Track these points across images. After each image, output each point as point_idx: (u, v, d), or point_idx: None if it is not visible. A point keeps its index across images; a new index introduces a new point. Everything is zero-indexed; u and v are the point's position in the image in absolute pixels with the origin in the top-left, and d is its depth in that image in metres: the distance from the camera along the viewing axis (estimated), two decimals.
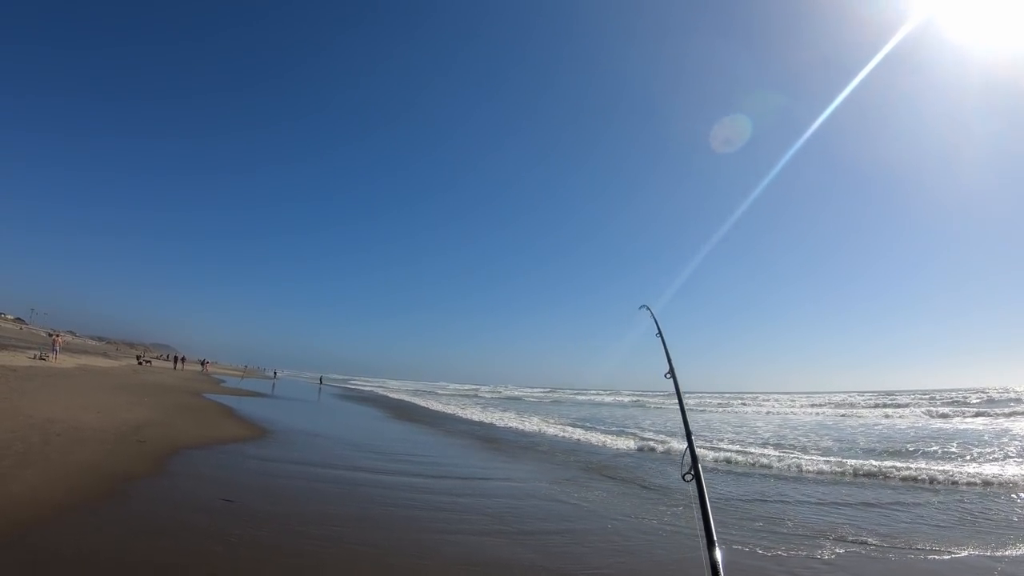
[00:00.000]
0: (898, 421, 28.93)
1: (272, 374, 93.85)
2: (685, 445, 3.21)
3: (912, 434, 21.94)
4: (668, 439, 19.63)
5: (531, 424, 25.98)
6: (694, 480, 2.89)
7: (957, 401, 40.56)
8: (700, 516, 2.66)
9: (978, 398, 42.26)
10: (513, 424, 25.97)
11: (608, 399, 67.60)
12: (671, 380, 4.00)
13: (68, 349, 53.60)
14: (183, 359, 74.62)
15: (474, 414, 32.06)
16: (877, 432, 23.16)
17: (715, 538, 2.51)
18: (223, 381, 52.66)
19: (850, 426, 27.24)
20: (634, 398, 65.34)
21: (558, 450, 17.46)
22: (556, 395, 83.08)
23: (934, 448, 16.97)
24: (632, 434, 21.88)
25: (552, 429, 23.63)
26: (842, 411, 38.46)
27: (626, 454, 16.67)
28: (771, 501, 10.44)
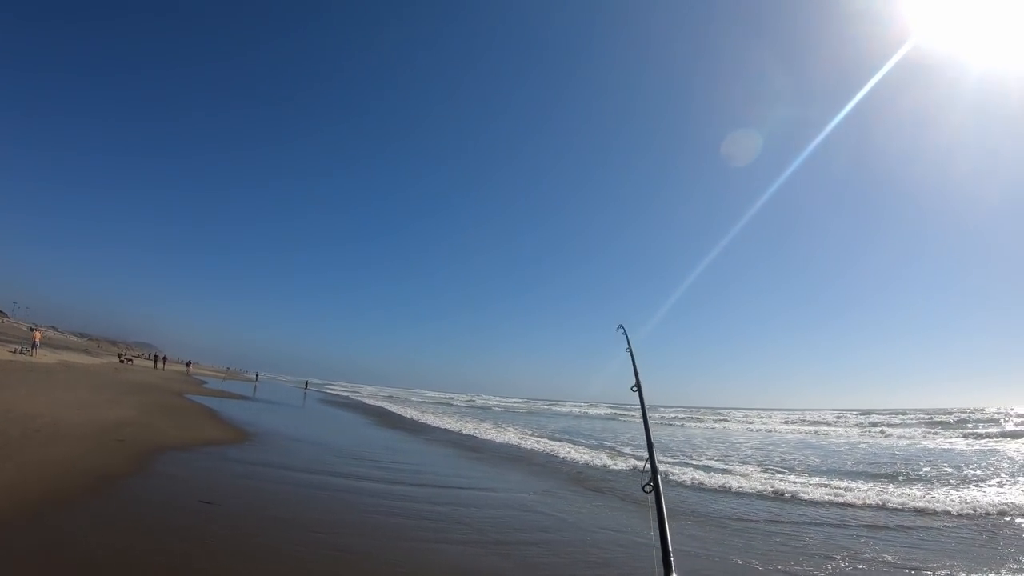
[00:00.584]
0: (880, 440, 29.10)
1: (254, 376, 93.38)
2: (647, 457, 3.26)
3: (897, 454, 22.04)
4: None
5: (509, 436, 25.70)
6: (653, 491, 2.95)
7: (934, 422, 41.02)
8: (656, 527, 2.71)
9: (954, 418, 42.84)
10: (490, 435, 25.65)
11: (585, 411, 68.48)
12: (637, 393, 4.08)
13: (50, 344, 53.00)
14: (164, 359, 74.11)
15: (451, 423, 31.56)
16: (861, 452, 23.31)
17: (671, 549, 2.58)
18: (205, 382, 52.35)
19: (833, 444, 27.48)
20: (611, 411, 65.92)
21: (536, 461, 17.41)
22: (532, 406, 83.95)
23: (925, 469, 16.91)
24: (610, 448, 21.82)
25: (530, 441, 23.40)
26: (819, 429, 38.83)
27: (604, 467, 16.51)
28: (771, 520, 10.47)
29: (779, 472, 16.19)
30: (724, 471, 16.13)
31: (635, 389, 4.07)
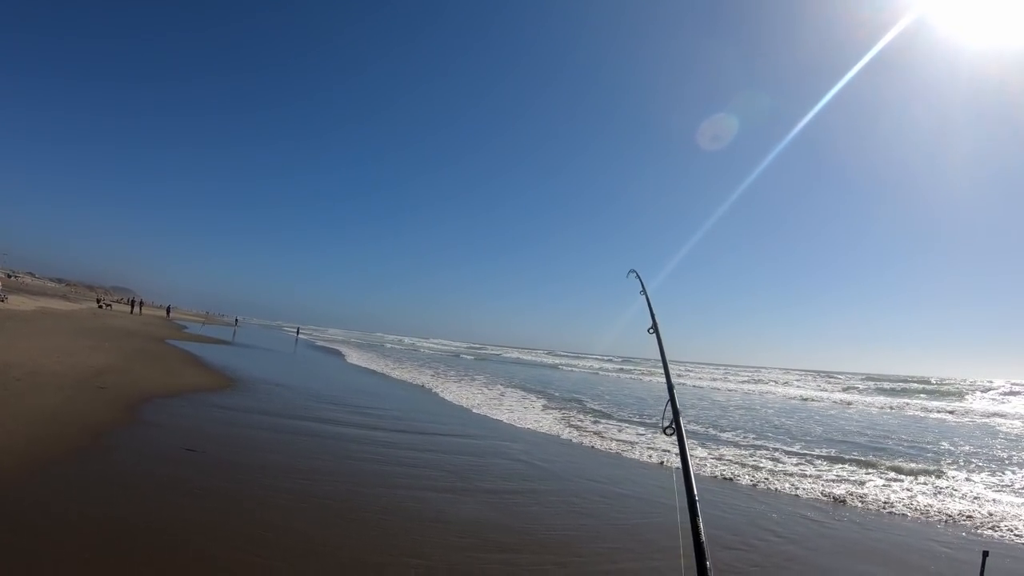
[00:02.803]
0: (866, 409, 28.65)
1: (233, 321, 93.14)
2: (667, 400, 3.08)
3: (895, 424, 21.51)
4: (618, 409, 19.69)
5: (477, 384, 25.66)
6: (675, 434, 2.77)
7: (902, 390, 42.23)
8: (681, 469, 2.50)
9: (920, 388, 44.32)
10: (460, 382, 25.65)
11: (535, 359, 72.85)
12: (655, 335, 3.86)
13: (27, 291, 52.39)
14: (141, 303, 73.53)
15: (416, 374, 29.97)
16: (856, 419, 22.86)
17: (695, 491, 2.34)
18: (185, 327, 52.12)
19: (821, 409, 27.34)
20: (555, 360, 71.32)
21: (510, 410, 17.46)
22: (484, 351, 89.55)
23: (945, 446, 16.01)
24: (582, 402, 21.58)
25: (499, 390, 23.57)
26: (798, 393, 38.84)
27: (583, 421, 16.45)
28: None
29: (791, 443, 14.56)
30: (728, 443, 14.10)
31: (652, 331, 3.86)
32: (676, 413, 2.88)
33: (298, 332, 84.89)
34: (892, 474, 11.40)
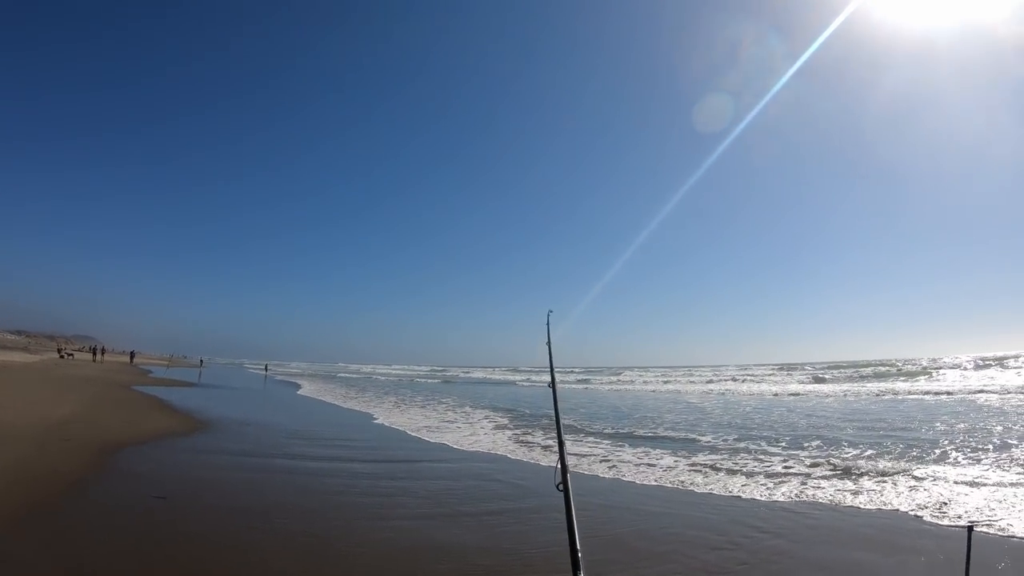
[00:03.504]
0: (843, 398, 28.51)
1: (198, 362, 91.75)
2: (559, 447, 3.09)
3: (877, 410, 21.13)
4: (590, 423, 19.24)
5: (442, 409, 24.81)
6: (563, 491, 2.72)
7: (872, 375, 42.94)
8: (567, 529, 2.45)
9: (886, 368, 44.89)
10: (422, 409, 24.82)
11: (499, 377, 72.83)
12: (551, 389, 4.11)
13: None
14: (103, 350, 71.86)
15: (381, 402, 28.77)
16: (835, 409, 22.41)
17: (579, 549, 2.33)
18: (150, 372, 51.23)
19: (798, 403, 26.79)
20: (524, 376, 69.83)
21: (480, 430, 17.34)
22: (447, 373, 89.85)
23: (938, 428, 15.39)
24: (550, 418, 20.92)
25: (468, 411, 23.41)
26: (762, 386, 39.06)
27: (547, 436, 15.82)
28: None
29: (775, 441, 13.94)
30: (732, 450, 12.93)
31: (550, 386, 4.09)
32: (564, 468, 2.87)
33: (267, 369, 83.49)
34: (880, 463, 11.03)
